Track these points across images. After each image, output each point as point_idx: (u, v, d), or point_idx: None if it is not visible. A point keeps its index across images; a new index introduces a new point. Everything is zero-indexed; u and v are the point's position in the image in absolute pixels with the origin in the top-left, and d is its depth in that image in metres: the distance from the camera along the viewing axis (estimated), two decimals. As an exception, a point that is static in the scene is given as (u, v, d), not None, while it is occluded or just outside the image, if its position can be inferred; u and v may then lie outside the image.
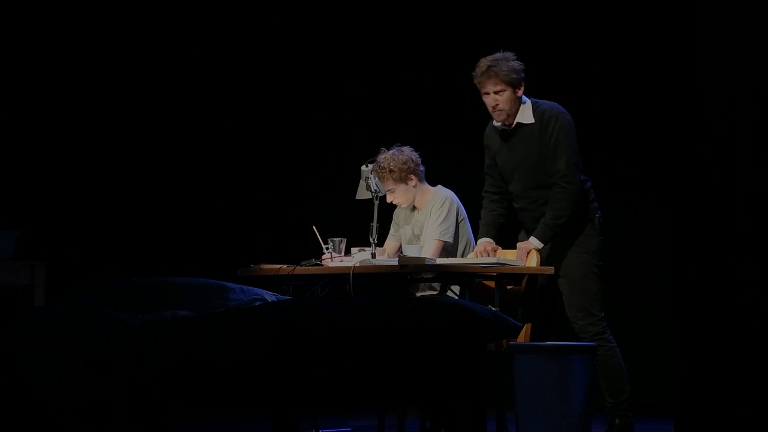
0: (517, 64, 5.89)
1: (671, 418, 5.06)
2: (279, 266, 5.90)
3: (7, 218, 7.45)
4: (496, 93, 5.88)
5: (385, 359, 4.56)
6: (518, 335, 5.40)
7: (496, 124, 6.01)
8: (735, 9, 4.56)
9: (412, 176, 6.35)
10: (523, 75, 5.89)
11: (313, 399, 4.55)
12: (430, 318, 4.65)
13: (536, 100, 5.98)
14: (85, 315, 4.62)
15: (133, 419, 4.36)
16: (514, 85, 5.87)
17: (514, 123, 5.94)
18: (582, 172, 5.94)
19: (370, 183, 5.99)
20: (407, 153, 6.38)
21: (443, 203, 6.32)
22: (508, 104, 5.89)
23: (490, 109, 5.93)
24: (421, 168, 6.39)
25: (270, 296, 5.20)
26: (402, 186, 6.35)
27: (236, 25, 8.47)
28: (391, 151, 6.36)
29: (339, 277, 5.80)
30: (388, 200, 6.36)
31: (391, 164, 6.29)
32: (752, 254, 4.52)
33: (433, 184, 6.46)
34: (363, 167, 6.05)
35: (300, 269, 5.87)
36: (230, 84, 8.46)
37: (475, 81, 5.92)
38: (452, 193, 6.42)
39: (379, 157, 6.32)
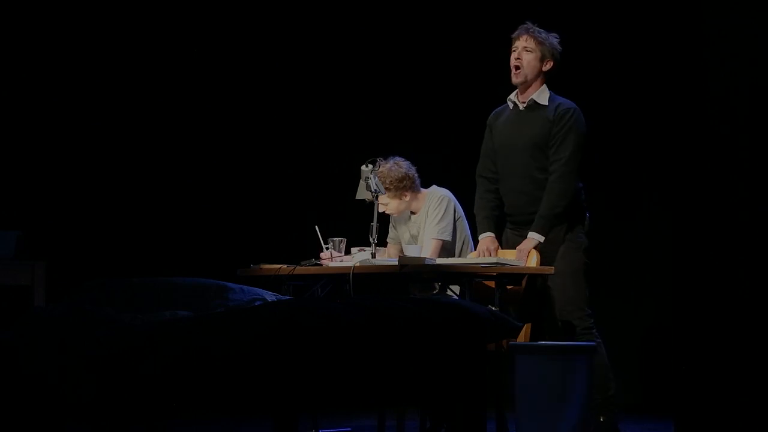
0: (556, 43, 5.97)
1: (671, 418, 5.06)
2: (279, 266, 5.90)
3: (7, 218, 7.45)
4: (524, 49, 5.91)
5: (385, 359, 4.56)
6: (518, 335, 5.40)
7: (509, 100, 6.00)
8: (736, 10, 4.57)
9: (407, 192, 6.35)
10: (556, 54, 5.95)
11: (313, 399, 4.55)
12: (430, 318, 4.65)
13: (557, 96, 6.00)
14: (85, 315, 4.63)
15: (133, 419, 4.36)
16: (543, 53, 5.93)
17: (528, 100, 5.94)
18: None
19: (370, 183, 5.98)
20: (404, 168, 6.36)
21: (440, 202, 6.31)
22: (529, 67, 5.94)
23: (511, 66, 5.96)
24: (417, 181, 6.39)
25: (270, 296, 5.20)
26: (396, 201, 6.37)
27: (236, 26, 8.47)
28: (389, 165, 6.34)
29: (339, 277, 5.80)
30: (380, 210, 6.32)
31: (387, 180, 6.28)
32: (752, 254, 4.52)
33: (429, 183, 6.46)
34: (363, 167, 6.04)
35: (300, 269, 5.87)
36: (230, 84, 8.46)
37: (512, 35, 5.98)
38: (448, 191, 6.41)
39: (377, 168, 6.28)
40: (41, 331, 4.53)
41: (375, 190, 5.98)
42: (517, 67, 5.95)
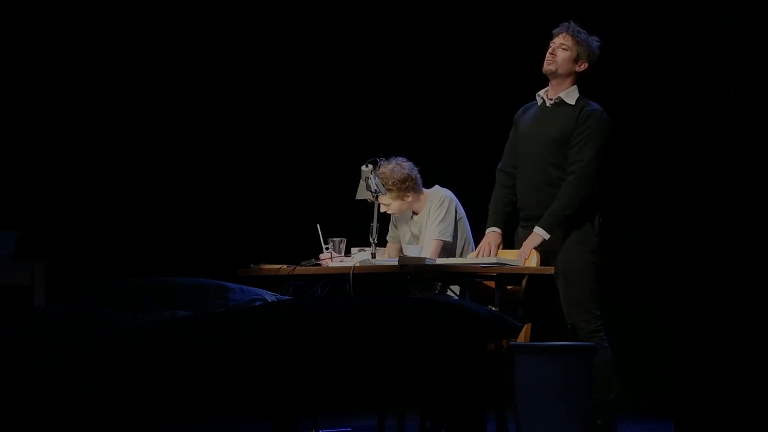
0: (595, 46, 5.97)
1: (671, 418, 5.07)
2: (279, 266, 5.90)
3: (7, 218, 7.45)
4: (560, 46, 5.94)
5: (385, 359, 4.56)
6: (518, 335, 5.40)
7: (538, 96, 6.00)
8: (736, 10, 4.57)
9: (410, 193, 6.35)
10: (592, 57, 5.96)
11: (313, 399, 4.55)
12: (430, 318, 4.65)
13: (585, 98, 6.00)
14: (85, 315, 4.63)
15: (133, 419, 4.37)
16: (578, 53, 5.93)
17: (556, 98, 5.94)
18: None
19: (370, 183, 5.98)
20: (407, 169, 6.35)
21: (442, 203, 6.31)
22: (562, 61, 5.93)
23: (546, 54, 5.97)
24: (419, 182, 6.39)
25: (270, 296, 5.20)
26: (398, 201, 6.36)
27: (236, 26, 8.47)
28: (391, 165, 6.34)
29: (339, 277, 5.80)
30: (382, 210, 6.32)
31: (390, 181, 6.28)
32: (752, 254, 4.52)
33: (432, 183, 6.46)
34: (363, 167, 6.04)
35: (300, 269, 5.87)
36: (230, 85, 8.46)
37: (553, 31, 6.01)
38: (450, 192, 6.41)
39: (378, 170, 6.28)
40: (41, 331, 4.53)
41: (375, 190, 5.98)
42: (550, 61, 5.95)
